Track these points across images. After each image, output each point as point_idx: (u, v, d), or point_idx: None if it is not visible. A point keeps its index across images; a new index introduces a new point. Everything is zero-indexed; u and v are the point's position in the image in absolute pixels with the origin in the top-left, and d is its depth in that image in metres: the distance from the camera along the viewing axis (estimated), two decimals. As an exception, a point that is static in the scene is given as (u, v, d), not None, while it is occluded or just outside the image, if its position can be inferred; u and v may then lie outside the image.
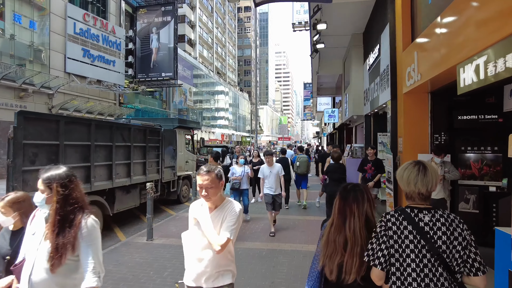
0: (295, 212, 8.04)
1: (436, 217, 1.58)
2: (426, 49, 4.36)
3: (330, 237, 1.76)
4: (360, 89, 9.56)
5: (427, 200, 1.64)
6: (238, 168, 6.90)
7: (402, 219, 1.60)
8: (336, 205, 1.82)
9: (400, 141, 5.74)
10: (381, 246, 1.59)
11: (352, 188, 1.81)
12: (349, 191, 1.79)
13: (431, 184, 1.60)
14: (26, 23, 16.61)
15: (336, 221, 1.77)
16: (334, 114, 13.04)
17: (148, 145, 7.29)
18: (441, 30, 3.77)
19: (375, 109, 8.06)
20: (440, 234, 1.54)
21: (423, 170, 1.62)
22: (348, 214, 1.73)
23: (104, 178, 5.93)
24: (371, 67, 8.13)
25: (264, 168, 6.28)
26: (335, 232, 1.75)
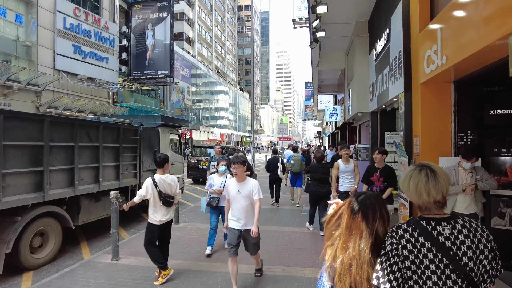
0: (285, 217, 7.10)
1: (458, 228, 1.36)
2: (456, 24, 3.40)
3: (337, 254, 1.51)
4: (365, 83, 8.61)
5: (444, 207, 1.42)
6: (218, 178, 4.96)
7: (417, 235, 1.36)
8: (344, 216, 1.54)
9: (416, 141, 4.79)
10: (392, 267, 1.33)
11: (363, 201, 1.50)
12: (360, 204, 1.50)
13: (445, 189, 1.40)
14: (11, 17, 15.76)
15: (343, 237, 1.51)
16: (336, 112, 12.09)
17: (123, 146, 6.35)
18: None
19: (383, 105, 7.10)
20: (465, 249, 1.33)
21: (431, 174, 1.40)
22: (354, 233, 1.47)
23: (64, 184, 4.99)
24: (378, 56, 7.18)
25: (230, 185, 3.85)
26: (341, 249, 1.50)
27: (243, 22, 76.16)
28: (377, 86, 7.42)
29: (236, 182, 3.79)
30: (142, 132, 7.03)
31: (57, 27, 17.90)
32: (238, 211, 3.74)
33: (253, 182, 3.80)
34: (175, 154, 8.90)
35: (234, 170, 3.72)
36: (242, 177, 3.78)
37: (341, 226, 1.54)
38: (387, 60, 6.27)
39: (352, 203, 1.53)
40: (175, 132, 9.06)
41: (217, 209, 5.06)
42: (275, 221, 7.08)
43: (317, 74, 13.27)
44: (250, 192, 3.72)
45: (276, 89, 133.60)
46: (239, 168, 3.72)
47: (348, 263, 1.45)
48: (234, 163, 3.72)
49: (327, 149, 15.87)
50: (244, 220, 3.75)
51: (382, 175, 4.90)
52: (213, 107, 51.13)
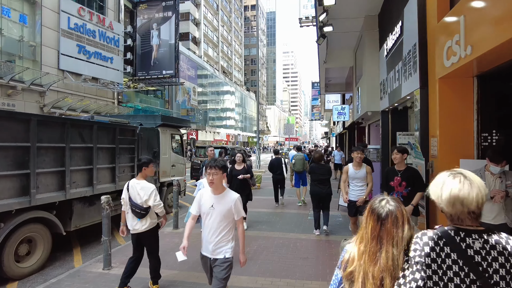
0: (291, 222, 6.70)
1: (491, 243, 1.23)
2: (485, 8, 2.99)
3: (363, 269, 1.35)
4: (375, 80, 8.17)
5: (478, 220, 1.28)
6: None
7: (443, 244, 1.26)
8: (368, 226, 1.40)
9: (434, 142, 4.36)
10: (415, 275, 1.25)
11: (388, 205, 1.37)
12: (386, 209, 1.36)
13: (481, 199, 1.25)
14: (15, 17, 15.67)
15: (370, 248, 1.36)
16: (344, 111, 11.63)
17: (119, 147, 6.04)
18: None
19: (395, 103, 6.67)
20: (497, 267, 1.21)
21: (466, 182, 1.27)
22: (385, 240, 1.33)
23: (53, 188, 4.69)
24: (389, 52, 6.74)
25: (204, 196, 2.90)
26: (369, 261, 1.35)
27: (249, 22, 75.87)
28: (388, 83, 6.98)
29: (211, 194, 2.79)
30: (140, 132, 6.72)
31: (61, 27, 17.81)
32: (208, 232, 2.81)
33: (234, 197, 2.80)
34: (177, 155, 8.58)
35: (209, 177, 2.71)
36: (220, 187, 2.78)
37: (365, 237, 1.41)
38: (400, 55, 5.85)
39: (375, 209, 1.41)
40: (177, 132, 8.73)
41: None
42: (280, 226, 6.69)
43: (324, 72, 12.84)
44: (228, 210, 2.74)
45: (283, 89, 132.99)
46: (216, 175, 2.69)
47: (378, 275, 1.33)
48: (210, 168, 2.72)
49: (335, 150, 15.41)
50: (213, 246, 2.78)
51: (404, 179, 4.14)
52: (219, 107, 50.91)
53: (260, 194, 10.88)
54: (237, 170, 6.30)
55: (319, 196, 6.09)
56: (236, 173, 6.23)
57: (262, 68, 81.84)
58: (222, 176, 2.79)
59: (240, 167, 6.33)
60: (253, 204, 8.87)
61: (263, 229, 6.39)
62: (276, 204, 9.01)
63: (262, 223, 6.89)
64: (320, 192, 6.06)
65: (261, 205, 8.87)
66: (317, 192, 6.08)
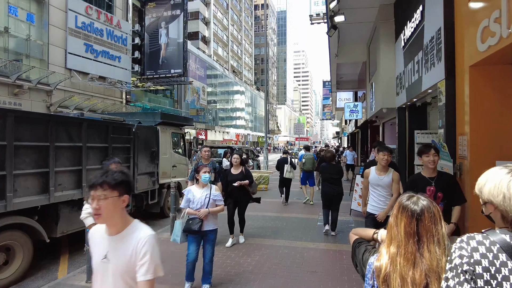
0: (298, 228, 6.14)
1: None
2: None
3: (400, 274, 1.20)
4: (390, 75, 7.53)
5: None
6: (198, 192, 3.71)
7: (497, 251, 1.08)
8: (400, 224, 1.24)
9: (463, 140, 3.75)
10: (463, 286, 1.08)
11: (421, 200, 1.24)
12: (421, 204, 1.23)
13: None
14: (23, 15, 15.59)
15: (405, 248, 1.21)
16: (357, 108, 10.98)
17: (112, 146, 5.61)
18: None
19: (413, 99, 6.04)
20: None
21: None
22: (425, 238, 1.19)
23: (35, 191, 4.28)
24: (407, 42, 6.12)
25: (93, 239, 1.64)
26: (406, 263, 1.19)
27: (259, 21, 75.32)
28: (405, 77, 6.35)
29: (104, 234, 1.57)
30: (137, 130, 6.28)
31: (68, 25, 17.69)
32: None
33: (143, 237, 1.50)
34: (178, 155, 8.14)
35: (93, 204, 1.45)
36: (115, 220, 1.52)
37: (396, 237, 1.26)
38: (420, 44, 5.23)
39: (407, 206, 1.26)
40: (178, 131, 8.28)
41: (198, 235, 3.68)
42: (286, 233, 6.14)
43: (335, 68, 12.21)
44: (128, 262, 1.49)
45: (294, 89, 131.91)
46: (105, 200, 1.45)
47: (421, 279, 1.18)
48: (94, 187, 1.47)
49: (347, 149, 14.73)
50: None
51: (439, 189, 3.18)
52: (229, 107, 50.59)
53: (267, 196, 10.35)
54: (233, 175, 5.35)
55: (330, 196, 6.01)
56: (232, 179, 5.30)
57: (272, 67, 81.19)
58: (121, 201, 1.51)
59: (237, 171, 5.38)
60: (258, 207, 8.36)
61: (268, 236, 5.86)
62: (282, 203, 9.21)
63: (266, 229, 6.37)
64: (331, 191, 5.97)
65: (267, 208, 8.35)
66: (328, 191, 6.01)
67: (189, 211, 3.66)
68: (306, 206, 8.69)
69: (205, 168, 3.74)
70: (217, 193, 3.78)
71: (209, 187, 3.78)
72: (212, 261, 3.81)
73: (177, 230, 3.66)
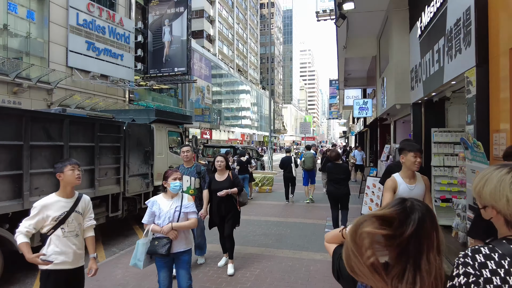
0: (304, 236, 5.59)
1: None
2: None
3: None
4: (404, 68, 6.92)
5: None
6: (165, 203, 2.92)
7: (508, 265, 0.94)
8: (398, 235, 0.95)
9: (499, 138, 3.16)
10: None
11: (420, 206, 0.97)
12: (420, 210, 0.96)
13: None
14: (23, 13, 15.29)
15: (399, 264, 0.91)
16: (367, 105, 10.36)
17: (100, 145, 5.12)
18: None
19: (432, 93, 5.43)
20: None
21: None
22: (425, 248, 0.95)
23: (6, 196, 3.80)
24: (425, 30, 5.52)
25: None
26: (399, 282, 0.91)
27: (265, 19, 74.66)
28: (422, 69, 5.75)
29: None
30: (128, 128, 5.79)
31: (69, 23, 17.39)
32: None
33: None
34: (175, 155, 7.63)
35: None
36: None
37: None
38: (441, 30, 4.63)
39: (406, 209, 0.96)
40: (176, 129, 7.77)
41: (168, 259, 2.92)
42: (290, 241, 5.57)
43: (343, 63, 11.60)
44: None
45: (300, 88, 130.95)
46: None
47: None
48: None
49: (355, 149, 14.10)
50: None
51: None
52: (234, 106, 50.13)
53: (271, 199, 9.82)
54: (217, 183, 4.24)
55: (336, 196, 5.92)
56: (216, 188, 4.19)
57: (278, 66, 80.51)
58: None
59: (223, 178, 4.27)
60: (261, 211, 7.83)
61: (270, 245, 5.30)
62: (286, 201, 9.27)
63: (269, 236, 5.81)
64: (336, 192, 5.88)
65: (270, 212, 7.81)
66: (334, 192, 5.91)
67: (154, 228, 2.86)
68: (312, 210, 8.13)
69: (175, 174, 2.90)
70: (189, 204, 2.96)
71: (180, 197, 2.95)
72: None
73: (139, 253, 2.82)
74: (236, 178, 4.39)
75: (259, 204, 9.01)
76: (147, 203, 2.95)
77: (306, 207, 8.58)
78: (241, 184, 4.43)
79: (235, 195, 4.31)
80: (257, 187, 10.90)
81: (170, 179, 2.88)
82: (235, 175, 4.41)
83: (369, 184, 7.12)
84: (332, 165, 6.08)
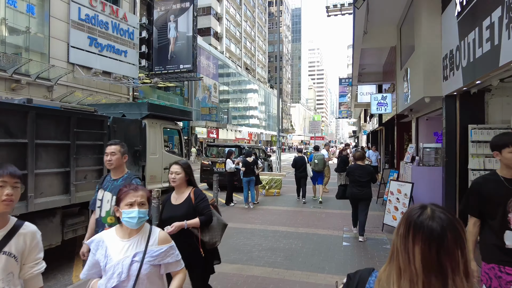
0: (319, 252, 4.71)
1: None
2: None
3: None
4: (435, 55, 5.96)
5: None
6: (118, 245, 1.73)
7: None
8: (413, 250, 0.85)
9: None
10: None
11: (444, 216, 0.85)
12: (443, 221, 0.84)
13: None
14: (22, 7, 14.73)
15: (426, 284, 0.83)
16: (386, 101, 9.39)
17: (77, 143, 4.32)
18: None
19: (476, 81, 4.47)
20: None
21: None
22: (449, 270, 0.82)
23: None
24: (466, 6, 4.56)
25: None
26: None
27: (273, 17, 73.64)
28: (463, 53, 4.79)
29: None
30: (113, 124, 4.97)
31: (71, 18, 16.81)
32: None
33: None
34: (172, 155, 6.81)
35: None
36: None
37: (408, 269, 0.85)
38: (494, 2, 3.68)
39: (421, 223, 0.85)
40: (173, 126, 6.94)
41: None
42: (303, 259, 4.64)
43: (358, 56, 10.63)
44: None
45: (308, 87, 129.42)
46: None
47: None
48: None
49: (370, 149, 13.09)
50: None
51: None
52: (242, 106, 49.35)
53: (279, 203, 8.93)
54: (170, 208, 2.68)
55: (357, 198, 5.70)
56: (167, 216, 2.64)
57: (287, 65, 79.39)
58: None
59: (180, 199, 2.68)
60: (269, 219, 6.97)
61: (278, 264, 4.41)
62: (297, 198, 9.41)
63: (277, 251, 4.92)
64: (357, 194, 5.65)
65: (278, 220, 6.93)
66: (355, 194, 5.69)
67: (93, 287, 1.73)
68: (325, 218, 7.22)
69: (133, 195, 1.72)
70: (162, 249, 1.75)
71: (145, 234, 1.76)
72: None
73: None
74: (201, 200, 2.63)
75: (266, 209, 8.14)
76: (89, 244, 1.77)
77: (318, 214, 7.67)
78: (208, 211, 2.65)
79: (195, 230, 2.61)
80: (264, 190, 10.03)
81: (123, 204, 1.72)
82: (199, 196, 2.66)
83: (393, 190, 6.20)
84: (355, 166, 5.82)
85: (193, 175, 2.73)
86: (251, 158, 8.43)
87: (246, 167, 8.26)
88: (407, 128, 11.51)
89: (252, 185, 8.36)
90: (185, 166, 2.70)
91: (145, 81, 22.81)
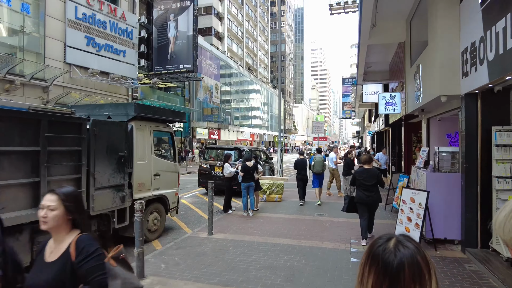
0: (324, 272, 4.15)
1: None
2: None
3: None
4: (452, 49, 5.38)
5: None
6: None
7: None
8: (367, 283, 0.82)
9: None
10: None
11: (402, 246, 0.81)
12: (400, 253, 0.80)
13: None
14: (16, 5, 14.31)
15: None
16: (395, 100, 8.77)
17: (49, 150, 3.79)
18: None
19: (507, 76, 3.89)
20: None
21: None
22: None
23: None
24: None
25: None
26: None
27: (276, 17, 73.07)
28: (487, 45, 4.21)
29: None
30: (93, 127, 4.44)
31: (68, 17, 16.38)
32: None
33: None
34: (164, 160, 6.26)
35: None
36: None
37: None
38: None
39: (379, 255, 0.81)
40: (165, 128, 6.40)
41: None
42: (306, 280, 4.05)
43: (364, 54, 10.03)
44: None
45: (311, 87, 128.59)
46: None
47: None
48: None
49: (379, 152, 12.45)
50: None
51: None
52: (244, 106, 48.81)
53: (280, 210, 8.36)
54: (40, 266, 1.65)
55: (365, 203, 5.58)
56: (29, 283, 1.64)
57: (289, 65, 78.73)
58: None
59: (56, 254, 1.63)
60: (269, 229, 6.41)
61: (278, 286, 3.86)
62: (300, 202, 9.14)
63: (277, 270, 4.35)
64: (365, 199, 5.54)
65: (279, 231, 6.36)
66: (363, 199, 5.57)
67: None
68: (331, 228, 6.63)
69: None
70: None
71: None
72: None
73: None
74: (86, 257, 1.58)
75: (266, 217, 7.58)
76: None
77: (323, 222, 7.09)
78: (99, 277, 1.57)
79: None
80: (265, 195, 9.46)
81: None
82: (85, 249, 1.59)
83: (406, 198, 5.61)
84: (361, 170, 5.70)
85: (82, 211, 1.71)
86: (251, 163, 7.87)
87: (245, 172, 7.71)
88: (415, 129, 10.91)
89: (251, 191, 7.80)
90: (65, 197, 1.62)
91: (145, 82, 22.35)
